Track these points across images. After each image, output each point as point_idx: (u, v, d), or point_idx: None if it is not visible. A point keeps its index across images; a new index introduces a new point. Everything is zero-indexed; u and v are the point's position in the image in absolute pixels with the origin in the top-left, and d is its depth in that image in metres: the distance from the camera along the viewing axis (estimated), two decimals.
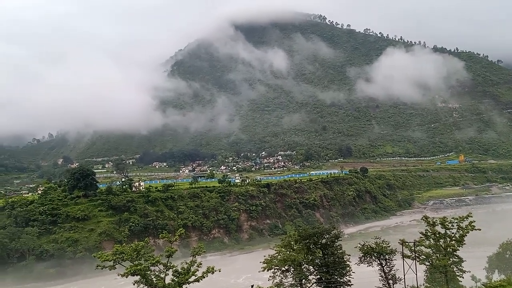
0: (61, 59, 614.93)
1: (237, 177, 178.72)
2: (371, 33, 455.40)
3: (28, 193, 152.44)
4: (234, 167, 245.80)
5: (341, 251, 45.33)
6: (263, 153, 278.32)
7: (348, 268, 44.38)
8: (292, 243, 46.90)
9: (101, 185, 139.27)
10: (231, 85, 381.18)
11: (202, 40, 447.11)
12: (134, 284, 34.21)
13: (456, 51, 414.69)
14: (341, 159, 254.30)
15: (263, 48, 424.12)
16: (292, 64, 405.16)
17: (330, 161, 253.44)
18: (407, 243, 45.92)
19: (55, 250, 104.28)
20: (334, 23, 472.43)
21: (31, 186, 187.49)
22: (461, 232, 43.68)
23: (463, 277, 44.83)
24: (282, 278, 43.51)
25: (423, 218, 47.35)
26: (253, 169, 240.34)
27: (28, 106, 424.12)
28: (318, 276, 44.57)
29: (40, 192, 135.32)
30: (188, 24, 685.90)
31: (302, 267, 43.97)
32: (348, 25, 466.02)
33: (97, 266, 35.25)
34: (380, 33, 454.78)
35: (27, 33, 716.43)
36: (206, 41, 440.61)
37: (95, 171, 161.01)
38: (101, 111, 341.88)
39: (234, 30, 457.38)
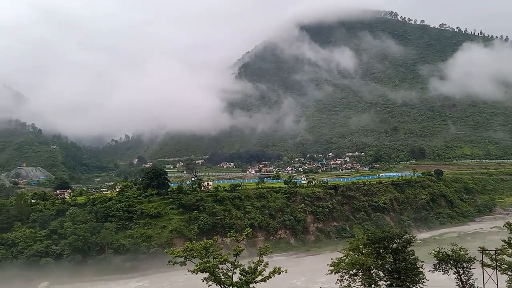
0: (136, 64, 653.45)
1: (303, 178, 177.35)
2: (447, 28, 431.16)
3: (107, 191, 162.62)
4: (300, 168, 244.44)
5: (413, 257, 43.13)
6: (330, 154, 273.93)
7: (421, 275, 42.11)
8: (361, 246, 45.47)
9: (172, 184, 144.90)
10: (297, 86, 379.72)
11: (268, 42, 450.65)
12: (203, 281, 35.13)
13: None
14: (413, 161, 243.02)
15: (329, 47, 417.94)
16: (360, 63, 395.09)
17: (401, 163, 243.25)
18: (487, 251, 42.75)
19: (130, 245, 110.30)
20: (406, 19, 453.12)
21: (109, 184, 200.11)
22: None
23: None
24: (350, 282, 42.39)
25: (506, 225, 43.76)
26: (319, 170, 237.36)
27: (107, 110, 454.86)
28: (389, 282, 42.81)
29: (117, 190, 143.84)
30: (255, 27, 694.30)
31: (372, 271, 42.52)
32: (422, 21, 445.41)
33: (169, 262, 36.67)
34: (457, 27, 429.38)
35: (105, 41, 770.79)
36: (272, 42, 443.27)
37: (167, 170, 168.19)
38: (173, 113, 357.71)
39: (299, 30, 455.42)
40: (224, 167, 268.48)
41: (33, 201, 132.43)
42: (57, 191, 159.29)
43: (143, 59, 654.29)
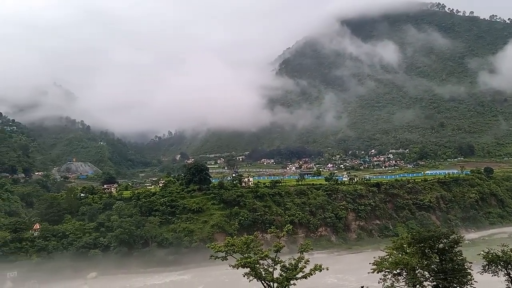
0: (179, 62, 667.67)
1: (344, 175, 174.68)
2: (497, 20, 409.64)
3: (151, 186, 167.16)
4: (342, 165, 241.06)
5: (461, 257, 41.36)
6: (373, 151, 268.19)
7: (469, 276, 40.33)
8: (405, 245, 44.19)
9: (213, 180, 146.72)
10: (339, 82, 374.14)
11: (309, 37, 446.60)
12: (244, 276, 35.37)
13: None
14: (461, 158, 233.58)
15: (371, 42, 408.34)
16: (404, 57, 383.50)
17: (448, 160, 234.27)
18: None
19: (173, 238, 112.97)
20: (454, 11, 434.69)
21: (153, 179, 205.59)
22: None
23: None
24: (393, 281, 41.39)
25: None
26: (361, 167, 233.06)
27: (151, 107, 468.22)
28: (435, 283, 41.34)
29: (161, 185, 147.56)
30: (296, 23, 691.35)
31: (416, 272, 41.25)
32: (471, 12, 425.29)
33: (211, 256, 37.23)
34: (509, 19, 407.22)
35: (148, 41, 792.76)
36: (313, 38, 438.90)
37: (208, 166, 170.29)
38: (214, 110, 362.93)
39: (340, 25, 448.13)
40: (264, 163, 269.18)
41: (82, 195, 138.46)
42: (105, 186, 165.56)
43: (185, 58, 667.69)
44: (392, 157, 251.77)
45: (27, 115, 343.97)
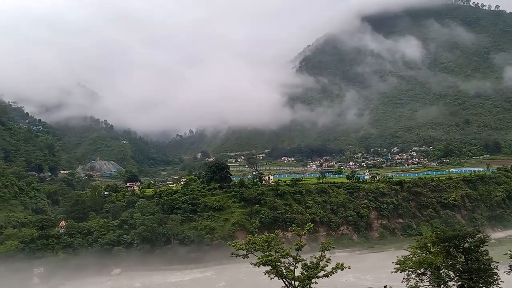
0: (199, 61, 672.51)
1: (366, 174, 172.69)
2: None
3: (172, 184, 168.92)
4: (363, 163, 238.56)
5: (487, 257, 40.42)
6: (395, 148, 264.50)
7: (495, 276, 39.40)
8: (429, 245, 43.46)
9: (234, 178, 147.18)
10: (360, 79, 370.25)
11: (329, 35, 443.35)
12: (265, 274, 35.36)
13: None
14: (488, 155, 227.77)
15: (393, 37, 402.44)
16: (427, 53, 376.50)
17: (474, 157, 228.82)
18: None
19: (195, 236, 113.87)
20: (479, 5, 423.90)
21: (175, 177, 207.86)
22: None
23: None
24: (417, 281, 40.78)
25: None
26: (383, 165, 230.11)
27: (173, 106, 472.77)
28: (460, 283, 40.52)
29: (182, 183, 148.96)
30: (316, 20, 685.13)
31: (441, 271, 40.49)
32: (497, 6, 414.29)
33: (232, 254, 37.34)
34: None
35: (170, 40, 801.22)
36: (333, 35, 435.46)
37: (229, 164, 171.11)
38: (234, 108, 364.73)
39: (360, 21, 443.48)
40: (285, 161, 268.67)
41: (106, 192, 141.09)
42: (127, 184, 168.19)
43: (205, 57, 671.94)
44: (415, 155, 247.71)
45: (53, 115, 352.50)
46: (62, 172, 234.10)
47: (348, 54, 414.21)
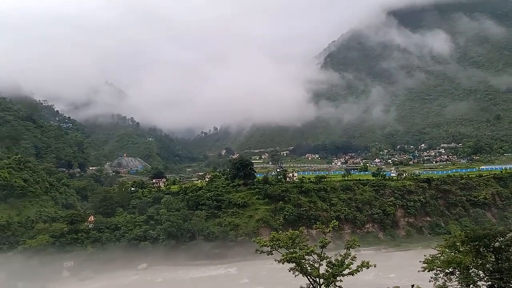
0: (224, 58, 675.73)
1: (392, 171, 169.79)
2: None
3: (197, 180, 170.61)
4: (389, 160, 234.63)
5: None
6: (423, 145, 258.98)
7: None
8: (458, 244, 42.34)
9: (258, 175, 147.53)
10: (386, 74, 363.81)
11: (354, 30, 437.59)
12: (289, 271, 35.20)
13: None
14: None
15: (420, 32, 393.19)
16: (456, 47, 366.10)
17: (505, 154, 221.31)
18: None
19: (219, 232, 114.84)
20: None
21: (200, 174, 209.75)
22: None
23: None
24: (445, 281, 39.83)
25: None
26: (410, 162, 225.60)
27: (198, 103, 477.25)
28: (490, 283, 39.33)
29: (207, 180, 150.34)
30: (342, 15, 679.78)
31: (470, 271, 39.41)
32: None
33: (256, 251, 37.31)
34: None
35: (195, 37, 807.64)
36: (359, 30, 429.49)
37: (253, 161, 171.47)
38: (259, 105, 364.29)
39: (386, 16, 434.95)
40: (309, 158, 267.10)
41: (132, 189, 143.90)
42: (153, 180, 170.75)
43: (230, 54, 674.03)
44: (443, 151, 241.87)
45: (82, 113, 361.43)
46: (90, 168, 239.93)
47: (373, 49, 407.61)
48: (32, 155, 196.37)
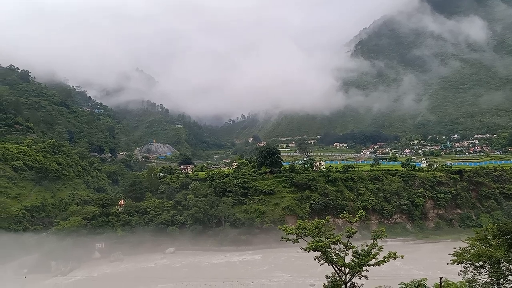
0: (254, 47, 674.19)
1: (423, 161, 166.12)
2: None
3: (224, 167, 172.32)
4: (420, 151, 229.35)
5: None
6: (455, 136, 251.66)
7: None
8: (489, 237, 41.26)
9: (285, 163, 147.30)
10: (419, 62, 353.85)
11: (386, 16, 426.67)
12: (315, 260, 35.19)
13: None
14: None
15: (456, 18, 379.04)
16: (492, 35, 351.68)
17: None
18: None
19: (245, 219, 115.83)
20: None
21: (227, 161, 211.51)
22: None
23: None
24: (475, 274, 39.01)
25: None
26: (442, 153, 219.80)
27: (226, 91, 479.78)
28: None
29: (234, 167, 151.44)
30: (373, 2, 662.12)
31: (501, 265, 38.35)
32: None
33: (282, 238, 37.45)
34: None
35: (226, 26, 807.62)
36: (391, 17, 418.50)
37: (280, 149, 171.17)
38: (287, 93, 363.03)
39: (419, 2, 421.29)
40: (337, 147, 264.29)
41: (161, 174, 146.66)
42: (181, 166, 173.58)
43: (260, 44, 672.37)
44: (477, 142, 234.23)
45: (113, 99, 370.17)
46: (121, 153, 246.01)
47: (406, 36, 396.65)
48: (66, 140, 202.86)
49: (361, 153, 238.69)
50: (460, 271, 39.76)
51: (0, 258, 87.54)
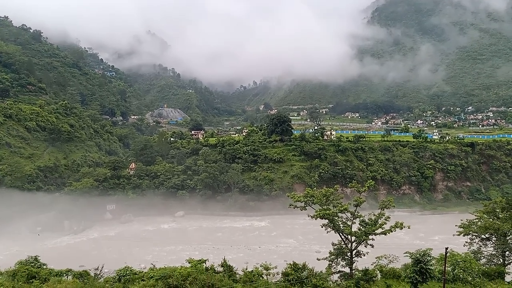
0: (269, 12, 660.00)
1: (435, 133, 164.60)
2: None
3: (235, 134, 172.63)
4: (433, 122, 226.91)
5: None
6: (470, 108, 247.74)
7: None
8: (498, 210, 41.29)
9: (295, 132, 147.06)
10: (437, 31, 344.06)
11: None
12: (322, 227, 35.54)
13: None
14: None
15: None
16: None
17: None
18: None
19: (254, 186, 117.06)
20: None
21: (237, 128, 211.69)
22: None
23: None
24: (480, 246, 39.32)
25: None
26: (455, 125, 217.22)
27: (240, 57, 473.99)
28: None
29: (244, 134, 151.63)
30: None
31: (508, 238, 38.47)
32: None
33: (290, 205, 37.75)
34: None
35: None
36: None
37: (291, 118, 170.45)
38: (300, 60, 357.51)
39: None
40: (349, 117, 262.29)
41: (172, 139, 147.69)
42: (192, 132, 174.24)
43: (276, 7, 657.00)
44: (492, 115, 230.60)
45: (125, 62, 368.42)
46: (132, 117, 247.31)
47: (425, 3, 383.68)
48: (78, 102, 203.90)
49: (373, 123, 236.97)
50: (466, 242, 40.09)
51: (15, 215, 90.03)
